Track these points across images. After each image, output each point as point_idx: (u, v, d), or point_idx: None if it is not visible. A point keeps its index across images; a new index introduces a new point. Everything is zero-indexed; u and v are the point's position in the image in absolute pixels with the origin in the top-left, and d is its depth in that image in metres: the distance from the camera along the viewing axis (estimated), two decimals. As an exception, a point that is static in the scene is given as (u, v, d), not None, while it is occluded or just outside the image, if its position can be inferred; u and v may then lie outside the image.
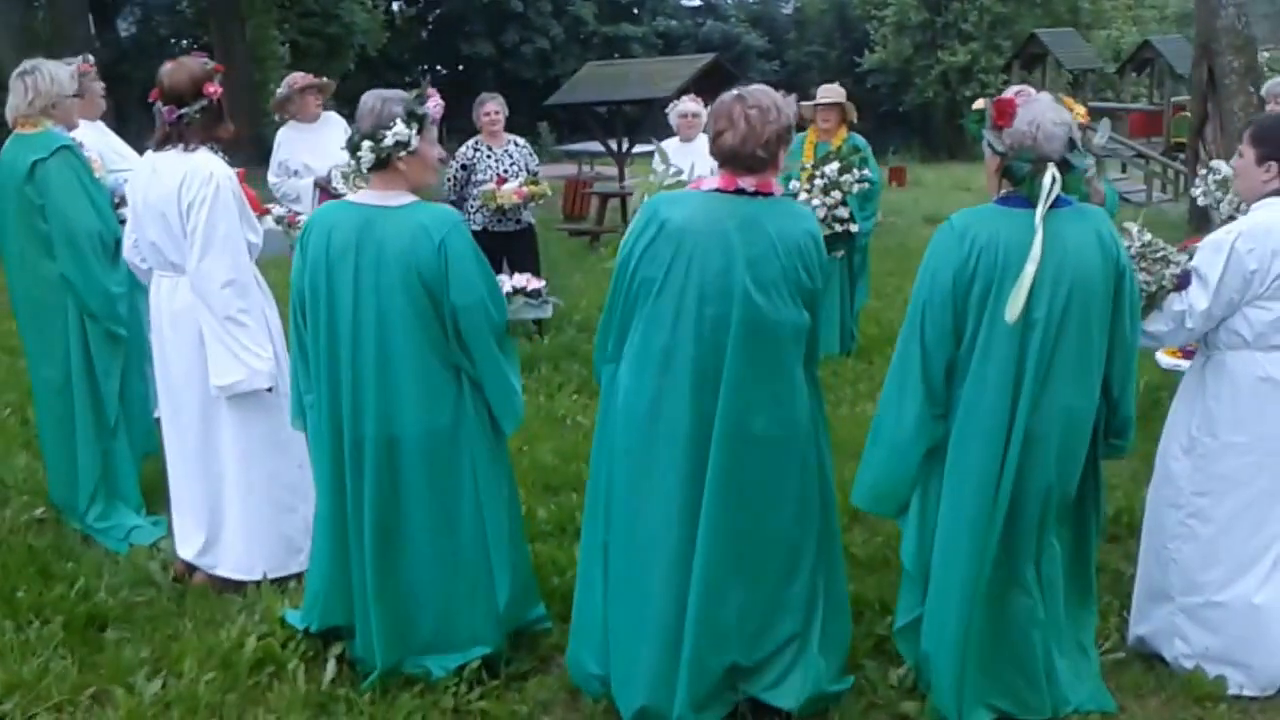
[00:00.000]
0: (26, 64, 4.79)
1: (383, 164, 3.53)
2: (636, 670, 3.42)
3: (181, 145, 4.20)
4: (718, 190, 3.32)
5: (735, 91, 3.31)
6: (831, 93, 8.53)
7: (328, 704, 3.57)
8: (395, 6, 41.95)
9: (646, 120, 15.88)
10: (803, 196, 8.24)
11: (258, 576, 4.28)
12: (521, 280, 8.28)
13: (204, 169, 4.13)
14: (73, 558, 4.56)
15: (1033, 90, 3.52)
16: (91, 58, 5.55)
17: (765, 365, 3.30)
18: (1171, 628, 3.87)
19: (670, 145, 9.18)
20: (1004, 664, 3.53)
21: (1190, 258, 3.72)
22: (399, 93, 3.59)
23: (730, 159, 3.28)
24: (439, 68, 42.29)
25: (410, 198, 3.59)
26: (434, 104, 3.58)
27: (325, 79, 8.28)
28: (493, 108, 8.92)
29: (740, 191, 3.30)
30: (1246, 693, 3.74)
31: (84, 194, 4.59)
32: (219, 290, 4.10)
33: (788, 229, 3.29)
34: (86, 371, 4.69)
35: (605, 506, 3.50)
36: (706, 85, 15.98)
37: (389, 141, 3.48)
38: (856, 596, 4.15)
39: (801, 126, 9.38)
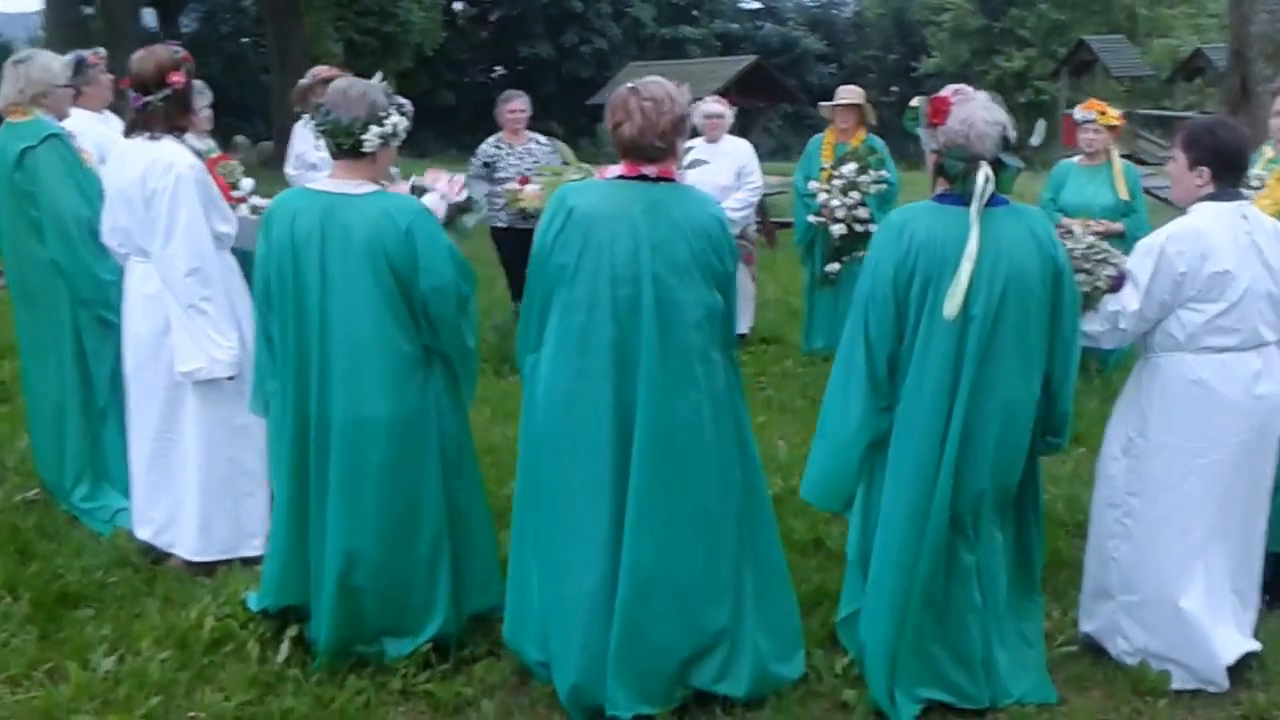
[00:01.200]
0: (20, 53, 4.93)
1: (356, 152, 3.58)
2: (570, 652, 3.47)
3: (149, 133, 4.27)
4: (621, 177, 3.41)
5: (629, 84, 3.39)
6: (850, 94, 8.49)
7: (276, 683, 3.62)
8: (457, 6, 42.36)
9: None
10: (822, 196, 8.23)
11: (210, 558, 4.37)
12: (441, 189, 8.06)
13: (165, 158, 4.19)
14: (56, 538, 4.66)
15: (970, 89, 3.54)
16: (103, 50, 5.67)
17: (680, 347, 3.37)
18: (1114, 625, 3.91)
19: (697, 147, 9.18)
20: (941, 654, 3.55)
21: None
22: (372, 83, 3.66)
23: (630, 149, 3.37)
24: (499, 67, 42.61)
25: (373, 186, 3.65)
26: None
27: (348, 74, 8.31)
28: (518, 105, 8.95)
29: (643, 178, 3.38)
30: (1190, 687, 3.77)
31: (72, 181, 4.67)
32: (182, 278, 4.17)
33: (693, 213, 3.38)
34: (77, 356, 4.78)
35: (534, 492, 3.56)
36: (747, 86, 16.05)
37: (387, 130, 3.56)
38: (821, 588, 4.23)
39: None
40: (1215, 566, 3.79)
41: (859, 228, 8.03)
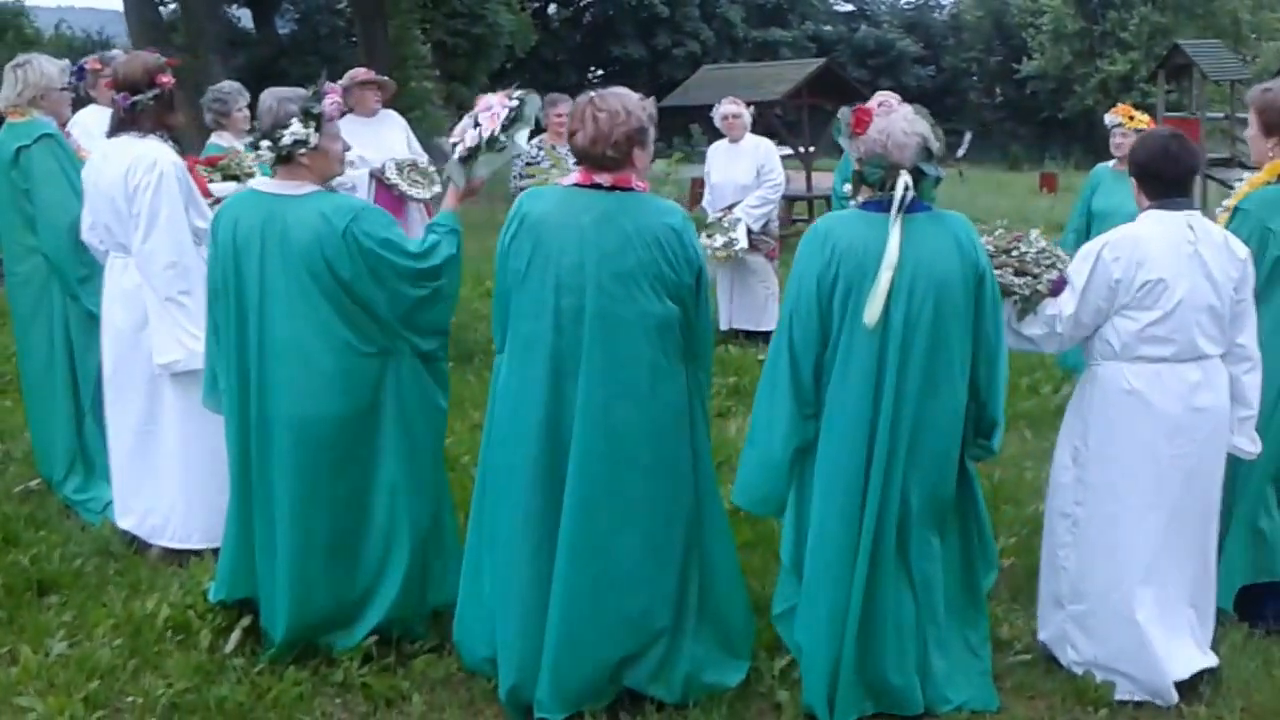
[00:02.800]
0: (20, 57, 5.11)
1: (286, 159, 3.65)
2: (510, 652, 3.50)
3: (135, 132, 4.40)
4: (576, 185, 3.41)
5: (590, 94, 3.39)
6: (881, 98, 8.37)
7: (219, 672, 3.70)
8: (551, 9, 42.75)
9: (756, 123, 15.76)
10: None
11: (193, 545, 4.46)
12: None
13: (149, 156, 4.32)
14: (45, 527, 4.83)
15: (895, 100, 3.57)
16: (110, 54, 5.86)
17: (624, 357, 3.35)
18: (1064, 634, 3.89)
19: (719, 147, 9.20)
20: (874, 660, 3.52)
21: None
22: (298, 91, 3.71)
23: (584, 157, 3.38)
24: (594, 69, 42.93)
25: (313, 188, 3.70)
26: (330, 102, 3.67)
27: (386, 78, 8.46)
28: (565, 109, 9.00)
29: (597, 186, 3.37)
30: (1137, 698, 3.72)
31: (65, 179, 4.83)
32: (161, 271, 4.28)
33: (645, 222, 3.35)
34: (66, 349, 4.96)
35: (484, 494, 3.61)
36: (817, 89, 15.89)
37: (286, 140, 3.60)
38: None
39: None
40: (1169, 580, 3.73)
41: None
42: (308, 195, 3.66)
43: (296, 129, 3.59)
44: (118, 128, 4.47)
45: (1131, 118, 7.11)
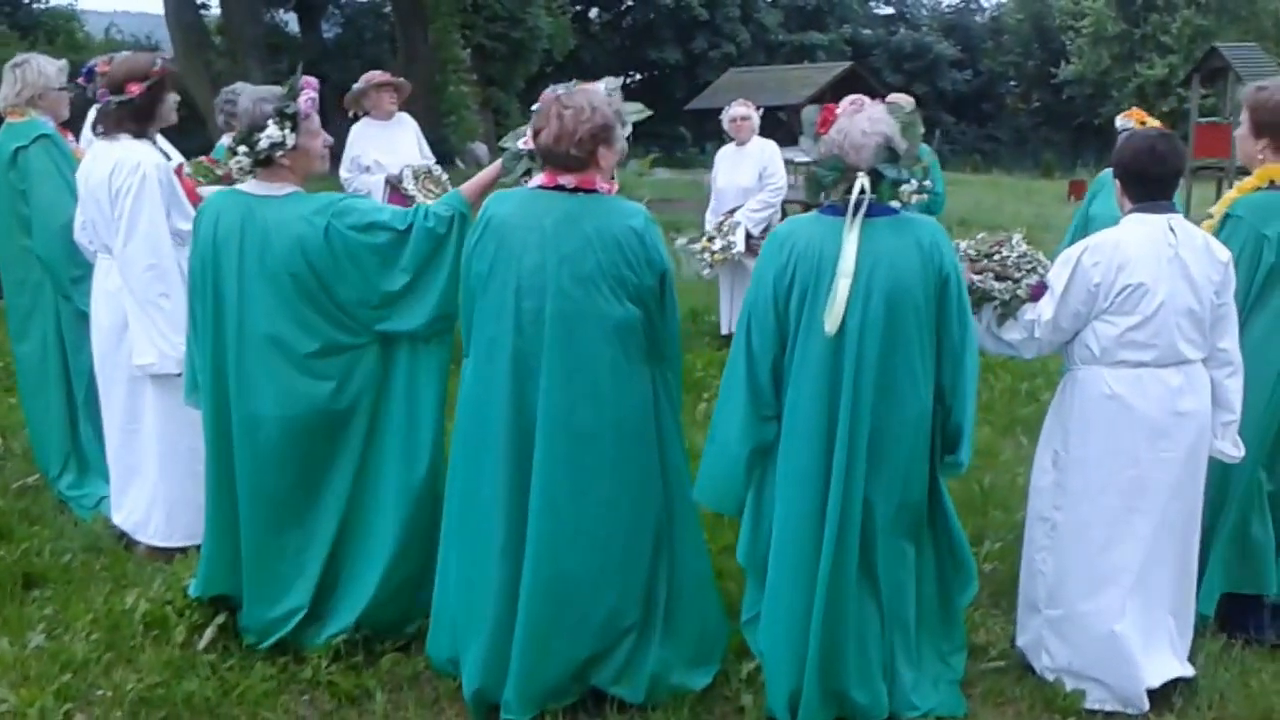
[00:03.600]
0: (19, 57, 5.18)
1: (265, 162, 3.68)
2: (475, 653, 3.52)
3: (119, 134, 4.46)
4: (540, 187, 3.42)
5: (555, 92, 3.38)
6: (899, 100, 8.32)
7: (190, 667, 3.75)
8: (592, 13, 42.92)
9: (782, 126, 15.77)
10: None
11: (176, 544, 4.52)
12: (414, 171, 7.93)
13: (133, 158, 4.37)
14: (40, 522, 4.92)
15: (867, 100, 3.52)
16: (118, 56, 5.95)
17: (586, 359, 3.36)
18: (1039, 640, 3.87)
19: (727, 150, 9.20)
20: (837, 669, 3.49)
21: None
22: (274, 91, 3.71)
23: (548, 157, 3.38)
24: (633, 73, 43.06)
25: (293, 188, 3.74)
26: (306, 98, 3.68)
27: (402, 79, 8.51)
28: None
29: (560, 188, 3.38)
30: (1107, 708, 3.71)
31: (61, 180, 4.89)
32: (140, 274, 4.33)
33: (607, 225, 3.35)
34: (59, 347, 5.03)
35: (451, 498, 3.63)
36: (843, 92, 15.85)
37: (264, 145, 3.62)
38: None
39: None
40: (1151, 587, 3.70)
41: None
42: (287, 197, 3.70)
43: (273, 132, 3.61)
44: (105, 129, 4.54)
45: (1143, 122, 7.01)
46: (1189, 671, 3.76)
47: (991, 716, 3.71)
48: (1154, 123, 7.09)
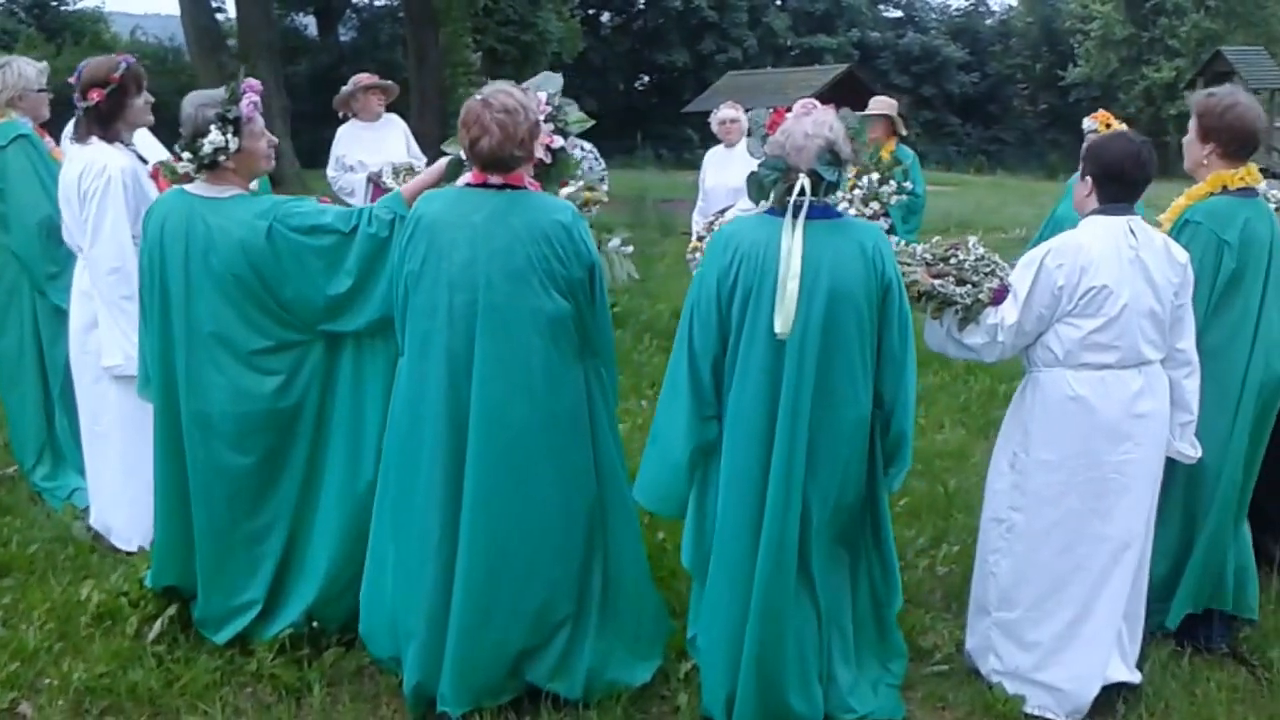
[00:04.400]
0: (0, 59, 5.23)
1: (210, 165, 3.74)
2: (413, 647, 3.55)
3: (88, 137, 4.52)
4: (468, 185, 3.48)
5: (480, 97, 3.41)
6: (880, 105, 8.42)
7: (138, 658, 3.81)
8: (604, 17, 43.00)
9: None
10: (843, 205, 8.14)
11: (134, 547, 4.56)
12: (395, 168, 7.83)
13: (99, 161, 4.43)
14: (12, 512, 5.00)
15: (817, 103, 3.52)
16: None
17: (518, 353, 3.41)
18: (988, 643, 3.87)
19: (715, 152, 9.23)
20: (773, 674, 3.49)
21: None
22: (217, 95, 3.76)
23: (491, 163, 3.41)
24: (641, 75, 43.11)
25: (236, 190, 3.79)
26: (248, 102, 3.73)
27: (390, 82, 8.57)
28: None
29: (488, 185, 3.43)
30: (1049, 715, 3.71)
31: (37, 179, 4.96)
32: (104, 276, 4.40)
33: (535, 219, 3.41)
34: (35, 340, 5.10)
35: (385, 492, 3.66)
36: (841, 94, 15.87)
37: (207, 150, 3.68)
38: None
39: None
40: (1106, 590, 3.69)
41: (880, 238, 7.90)
42: (231, 199, 3.75)
43: (215, 137, 3.66)
44: (78, 134, 4.61)
45: (1109, 125, 7.04)
46: (1136, 678, 3.77)
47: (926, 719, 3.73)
48: (1120, 126, 7.13)
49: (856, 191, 8.11)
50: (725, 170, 9.06)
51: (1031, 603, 3.73)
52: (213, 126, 3.67)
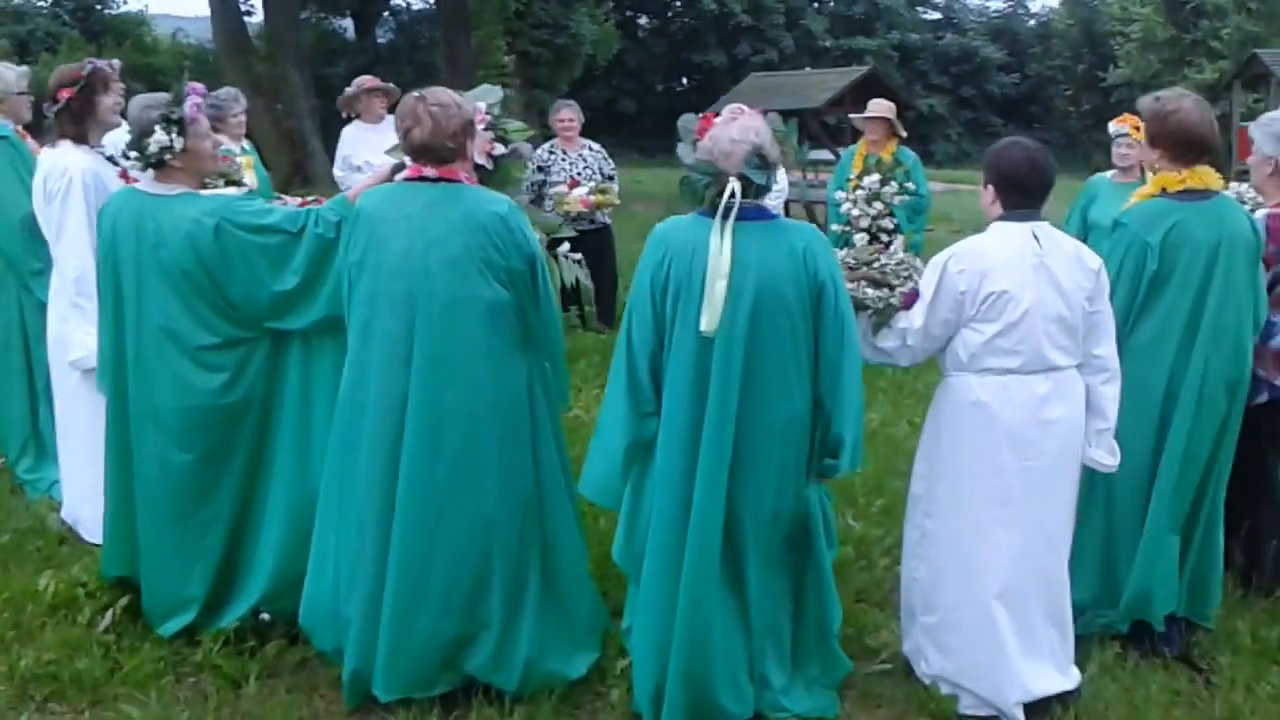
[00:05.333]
0: None
1: (157, 165, 3.82)
2: (350, 636, 3.61)
3: (56, 140, 4.64)
4: (406, 179, 3.55)
5: (416, 93, 3.51)
6: (879, 107, 8.40)
7: (84, 647, 3.87)
8: (642, 20, 43.09)
9: (801, 129, 15.74)
10: (845, 206, 8.14)
11: (99, 540, 4.57)
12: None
13: (61, 164, 4.54)
14: (-7, 504, 5.08)
15: (745, 108, 3.58)
16: (118, 63, 6.12)
17: (457, 340, 3.47)
18: (918, 646, 3.87)
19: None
20: (700, 667, 3.50)
21: None
22: (162, 98, 3.85)
23: (422, 153, 3.50)
24: (680, 77, 43.14)
25: (184, 189, 3.87)
26: (192, 103, 3.81)
27: (392, 85, 8.67)
28: (567, 115, 9.16)
29: (425, 179, 3.51)
30: (981, 713, 3.71)
31: (17, 178, 5.07)
32: (67, 274, 4.50)
33: (472, 210, 3.49)
34: (21, 335, 5.21)
35: (330, 479, 3.72)
36: (862, 96, 15.78)
37: (153, 149, 3.76)
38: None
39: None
40: (1026, 597, 3.67)
41: (884, 238, 7.86)
42: (178, 197, 3.82)
43: (160, 137, 3.75)
44: (51, 137, 4.73)
45: (1137, 128, 6.95)
46: (1071, 684, 3.74)
47: (864, 718, 3.73)
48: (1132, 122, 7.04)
49: (859, 193, 8.15)
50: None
51: (950, 608, 3.73)
52: (157, 127, 3.75)
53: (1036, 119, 42.06)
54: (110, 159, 4.73)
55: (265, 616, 3.98)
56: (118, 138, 4.93)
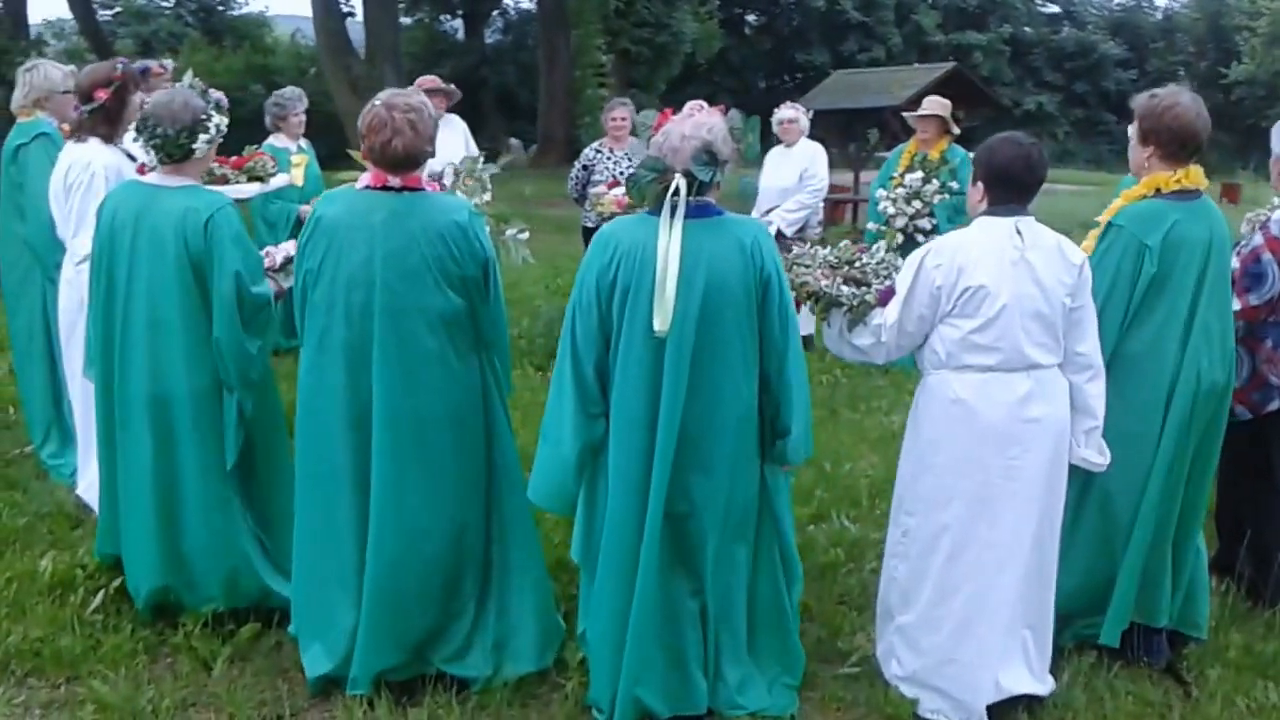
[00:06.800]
0: (29, 63, 5.59)
1: (184, 158, 3.97)
2: (318, 635, 3.72)
3: (83, 136, 4.80)
4: (368, 187, 3.59)
5: (379, 101, 3.53)
6: (933, 104, 8.24)
7: (68, 625, 4.03)
8: (750, 17, 42.97)
9: (884, 126, 15.56)
10: (883, 205, 8.10)
11: None
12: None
13: (85, 157, 4.72)
14: (16, 487, 5.33)
15: (705, 104, 3.56)
16: (170, 62, 6.35)
17: (413, 350, 3.52)
18: (890, 648, 3.84)
19: (775, 151, 9.18)
20: (654, 661, 3.52)
21: None
22: (189, 93, 4.03)
23: (403, 162, 3.52)
24: (783, 75, 42.86)
25: (189, 181, 4.01)
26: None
27: (450, 86, 8.80)
28: (620, 114, 9.15)
29: (388, 188, 3.54)
30: (940, 718, 3.66)
31: (51, 175, 5.24)
32: (82, 263, 4.63)
33: (433, 219, 3.52)
34: (44, 324, 5.41)
35: (299, 482, 3.80)
36: (947, 92, 15.50)
37: (201, 145, 3.96)
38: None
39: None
40: (1003, 598, 3.61)
41: (920, 239, 7.76)
42: (182, 188, 3.96)
43: (218, 120, 3.97)
44: (78, 134, 4.91)
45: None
46: (1043, 689, 3.68)
47: (818, 718, 3.72)
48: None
49: (900, 190, 8.06)
50: (780, 170, 9.04)
51: (924, 608, 3.69)
52: (212, 125, 3.98)
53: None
54: (131, 156, 4.96)
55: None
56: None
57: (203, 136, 3.95)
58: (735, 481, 3.49)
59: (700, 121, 3.44)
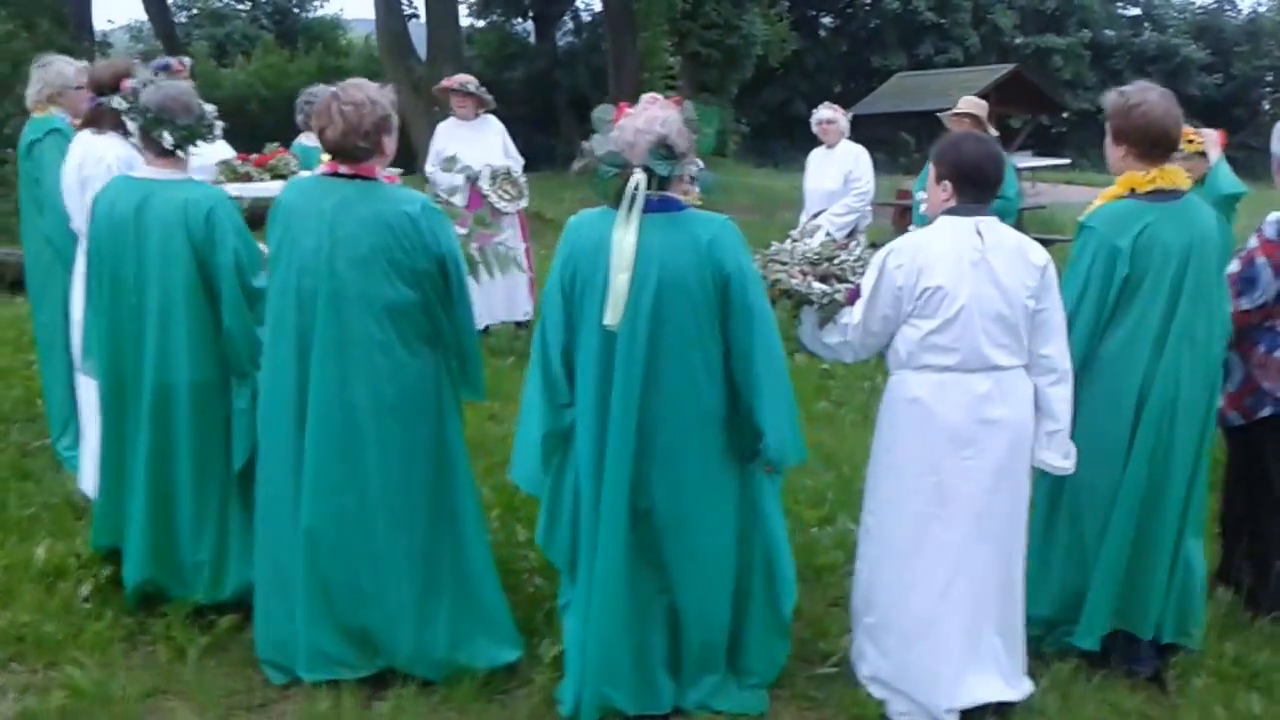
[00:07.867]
0: (43, 59, 5.68)
1: (171, 153, 4.03)
2: (269, 625, 3.76)
3: (96, 129, 4.87)
4: (323, 174, 3.63)
5: (331, 90, 3.58)
6: (968, 104, 8.07)
7: (57, 614, 4.10)
8: (825, 19, 42.65)
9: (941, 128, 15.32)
10: (924, 208, 7.91)
11: None
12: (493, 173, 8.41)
13: (99, 149, 4.79)
14: (31, 478, 5.46)
15: (660, 98, 3.53)
16: (188, 60, 6.44)
17: (356, 338, 3.54)
18: (860, 648, 3.81)
19: (816, 153, 9.10)
20: (622, 657, 3.51)
21: None
22: (190, 90, 4.12)
23: (338, 151, 3.57)
24: (859, 78, 42.45)
25: (183, 175, 4.07)
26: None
27: (471, 86, 8.73)
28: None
29: (339, 175, 3.58)
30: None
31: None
32: None
33: (382, 210, 3.53)
34: (64, 318, 5.47)
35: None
36: (1006, 96, 15.23)
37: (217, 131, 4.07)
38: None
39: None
40: (968, 601, 3.56)
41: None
42: (177, 181, 4.03)
43: (217, 130, 4.08)
44: (85, 124, 4.98)
45: (1190, 141, 6.48)
46: (1015, 695, 3.60)
47: (790, 718, 3.68)
48: (1199, 142, 6.55)
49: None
50: (822, 172, 8.96)
51: (887, 607, 3.66)
52: (216, 121, 4.09)
53: (1241, 123, 39.66)
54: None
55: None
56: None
57: (216, 127, 4.06)
58: (701, 480, 3.45)
59: (654, 115, 3.42)
